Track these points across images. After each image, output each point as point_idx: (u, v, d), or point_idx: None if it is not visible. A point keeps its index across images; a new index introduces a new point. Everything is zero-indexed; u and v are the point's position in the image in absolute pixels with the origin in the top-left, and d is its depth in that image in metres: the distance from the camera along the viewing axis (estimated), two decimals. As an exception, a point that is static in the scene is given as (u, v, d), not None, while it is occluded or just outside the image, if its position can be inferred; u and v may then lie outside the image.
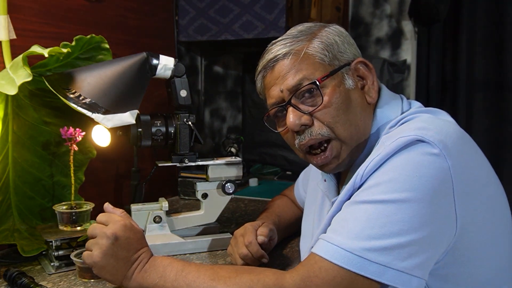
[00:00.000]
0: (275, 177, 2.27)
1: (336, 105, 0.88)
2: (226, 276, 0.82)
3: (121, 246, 0.88)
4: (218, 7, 1.87)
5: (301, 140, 0.91)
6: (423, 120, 0.82)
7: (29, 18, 1.30)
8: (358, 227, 0.74)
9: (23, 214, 1.22)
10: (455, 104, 2.04)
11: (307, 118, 0.89)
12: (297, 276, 0.77)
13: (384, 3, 2.08)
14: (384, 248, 0.71)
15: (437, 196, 0.73)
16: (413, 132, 0.76)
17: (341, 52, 0.92)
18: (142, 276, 0.88)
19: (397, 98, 0.95)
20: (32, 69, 1.13)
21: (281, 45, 0.92)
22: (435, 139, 0.75)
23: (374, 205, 0.74)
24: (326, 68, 0.89)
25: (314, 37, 0.92)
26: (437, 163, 0.74)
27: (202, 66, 2.13)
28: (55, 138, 1.24)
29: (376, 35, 2.07)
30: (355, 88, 0.91)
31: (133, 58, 1.18)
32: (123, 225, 0.90)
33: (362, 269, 0.71)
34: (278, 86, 0.91)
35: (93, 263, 0.88)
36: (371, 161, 0.79)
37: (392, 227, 0.71)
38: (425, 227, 0.72)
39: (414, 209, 0.72)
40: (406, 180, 0.73)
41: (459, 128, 0.83)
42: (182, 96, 1.22)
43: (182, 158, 1.24)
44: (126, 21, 1.65)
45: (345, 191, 0.83)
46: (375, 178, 0.77)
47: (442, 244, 0.75)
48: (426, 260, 0.73)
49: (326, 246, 0.75)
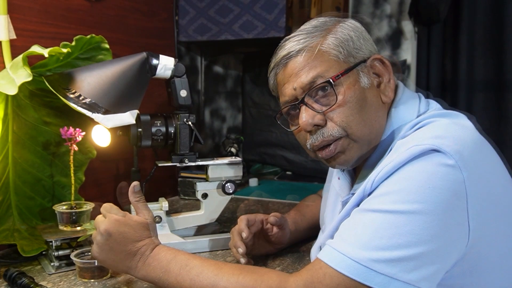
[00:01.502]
0: (275, 177, 2.27)
1: (350, 104, 0.85)
2: (230, 273, 0.82)
3: (116, 241, 0.89)
4: (218, 7, 1.87)
5: (313, 141, 0.88)
6: (440, 127, 0.79)
7: (29, 18, 1.30)
8: (366, 236, 0.72)
9: (23, 214, 1.22)
10: (455, 104, 2.03)
11: (320, 117, 0.86)
12: (301, 280, 0.76)
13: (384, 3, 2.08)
14: (391, 260, 0.69)
15: (449, 208, 0.71)
16: (429, 141, 0.73)
17: (356, 49, 0.88)
18: (146, 269, 0.89)
19: (415, 98, 0.91)
20: (32, 69, 1.13)
21: (295, 42, 0.89)
22: (451, 149, 0.72)
23: (384, 214, 0.72)
24: (341, 66, 0.87)
25: (328, 33, 0.88)
26: (451, 174, 0.71)
27: (202, 66, 2.13)
28: (55, 138, 1.24)
29: (376, 35, 2.07)
30: (371, 87, 0.88)
31: (133, 58, 1.18)
32: (116, 220, 0.90)
33: (368, 280, 0.70)
34: (291, 84, 0.88)
35: (94, 257, 0.92)
36: (383, 167, 0.76)
37: (401, 239, 0.70)
38: (435, 240, 0.70)
39: (424, 222, 0.70)
40: (418, 191, 0.71)
41: (477, 135, 0.80)
42: (182, 96, 1.22)
43: (182, 158, 1.24)
44: (126, 21, 1.65)
45: (355, 196, 0.82)
46: (386, 186, 0.75)
47: (452, 256, 0.73)
48: (434, 272, 0.71)
49: (333, 253, 0.74)
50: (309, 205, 1.32)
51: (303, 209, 1.31)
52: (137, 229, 0.91)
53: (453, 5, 2.00)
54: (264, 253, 1.19)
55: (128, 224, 0.91)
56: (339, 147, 0.87)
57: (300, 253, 1.22)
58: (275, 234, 1.17)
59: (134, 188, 0.96)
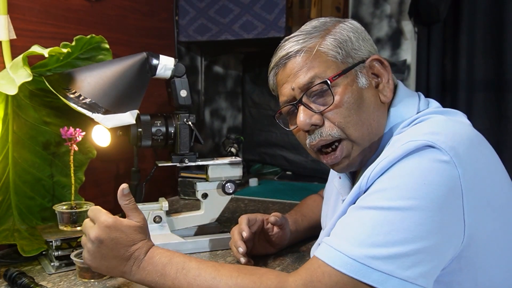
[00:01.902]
0: (275, 177, 2.27)
1: (347, 105, 0.86)
2: (228, 275, 0.81)
3: (108, 248, 0.86)
4: (218, 7, 1.87)
5: (311, 140, 0.89)
6: (435, 123, 0.79)
7: (29, 18, 1.30)
8: (362, 234, 0.72)
9: (23, 214, 1.22)
10: (455, 104, 2.03)
11: (317, 117, 0.87)
12: (300, 280, 0.76)
13: (384, 3, 2.08)
14: (388, 257, 0.70)
15: (445, 204, 0.71)
16: (424, 137, 0.74)
17: (355, 49, 0.89)
18: (141, 273, 0.87)
19: (414, 96, 0.92)
20: (32, 69, 1.13)
21: (294, 42, 0.90)
22: (446, 146, 0.72)
23: (380, 211, 0.72)
24: (339, 66, 0.87)
25: (327, 34, 0.89)
26: (446, 170, 0.71)
27: (202, 66, 2.13)
28: (55, 138, 1.24)
29: (376, 35, 2.07)
30: (369, 87, 0.89)
31: (133, 58, 1.18)
32: (106, 226, 0.86)
33: (365, 277, 0.70)
34: (290, 84, 0.89)
35: (87, 264, 0.89)
36: (378, 164, 0.77)
37: (397, 235, 0.70)
38: (431, 236, 0.70)
39: (420, 218, 0.70)
40: (413, 187, 0.71)
41: (474, 132, 0.80)
42: (182, 96, 1.22)
43: (182, 158, 1.24)
44: (126, 21, 1.65)
45: (352, 193, 0.82)
46: (382, 183, 0.75)
47: (449, 253, 0.73)
48: (431, 269, 0.71)
49: (330, 251, 0.74)
50: (310, 205, 1.32)
51: (304, 209, 1.31)
52: (129, 234, 0.88)
53: (453, 5, 2.00)
54: (264, 253, 1.19)
55: (119, 229, 0.87)
56: (344, 152, 0.88)
57: (300, 253, 1.22)
58: (275, 234, 1.18)
59: (123, 191, 0.91)
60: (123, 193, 0.91)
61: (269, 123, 2.36)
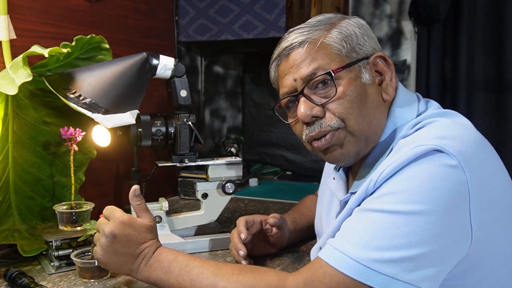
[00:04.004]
0: (275, 177, 2.27)
1: (350, 98, 0.84)
2: (229, 273, 0.83)
3: (121, 243, 0.89)
4: (218, 7, 1.87)
5: (310, 131, 0.87)
6: (442, 127, 0.79)
7: (29, 18, 1.30)
8: (367, 236, 0.72)
9: (23, 214, 1.22)
10: (455, 104, 2.04)
11: (318, 109, 0.85)
12: (301, 279, 0.76)
13: (384, 3, 2.08)
14: (392, 260, 0.69)
15: (452, 209, 0.70)
16: (432, 142, 0.73)
17: (360, 45, 0.88)
18: (148, 271, 0.89)
19: (414, 97, 0.91)
20: (32, 69, 1.13)
21: (298, 33, 0.88)
22: (455, 150, 0.72)
23: (386, 215, 0.72)
24: (343, 60, 0.86)
25: (332, 27, 0.88)
26: (454, 175, 0.71)
27: (202, 66, 2.13)
28: (55, 138, 1.24)
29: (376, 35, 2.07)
30: (372, 83, 0.88)
31: (133, 58, 1.18)
32: (121, 222, 0.90)
33: (368, 280, 0.70)
34: (292, 75, 0.88)
35: (97, 259, 0.92)
36: (386, 167, 0.76)
37: (402, 239, 0.70)
38: (437, 241, 0.70)
39: (426, 222, 0.70)
40: (421, 191, 0.71)
41: (479, 135, 0.80)
42: (182, 96, 1.22)
43: (182, 158, 1.24)
44: (126, 21, 1.65)
45: (357, 196, 0.81)
46: (389, 186, 0.75)
47: (454, 257, 0.73)
48: (436, 273, 0.71)
49: (333, 252, 0.74)
50: (307, 204, 1.33)
51: (302, 208, 1.31)
52: (141, 231, 0.91)
53: (453, 5, 2.00)
54: (264, 253, 1.19)
55: (132, 226, 0.91)
56: (335, 138, 0.86)
57: (300, 253, 1.22)
58: (274, 235, 1.18)
59: (134, 191, 0.95)
60: (135, 193, 0.95)
61: (269, 123, 2.36)
